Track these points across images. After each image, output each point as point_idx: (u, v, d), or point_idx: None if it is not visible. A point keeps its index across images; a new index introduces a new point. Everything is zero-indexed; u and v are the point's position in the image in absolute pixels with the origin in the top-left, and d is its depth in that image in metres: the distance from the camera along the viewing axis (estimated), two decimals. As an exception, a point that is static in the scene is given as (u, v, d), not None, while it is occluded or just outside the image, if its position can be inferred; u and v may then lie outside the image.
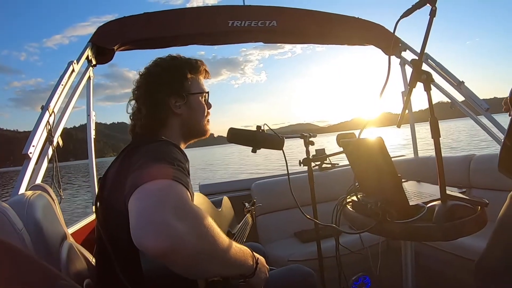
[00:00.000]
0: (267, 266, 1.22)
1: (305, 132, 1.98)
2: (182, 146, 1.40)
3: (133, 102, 1.36)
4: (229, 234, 1.65)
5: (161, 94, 1.31)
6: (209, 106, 1.46)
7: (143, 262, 0.90)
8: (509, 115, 1.51)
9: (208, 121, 1.45)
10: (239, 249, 1.01)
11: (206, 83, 1.47)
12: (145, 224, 0.77)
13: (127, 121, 1.37)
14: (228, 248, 0.92)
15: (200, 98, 1.40)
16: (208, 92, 1.44)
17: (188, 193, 0.89)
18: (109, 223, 1.08)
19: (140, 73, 1.38)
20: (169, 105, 1.32)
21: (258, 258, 1.14)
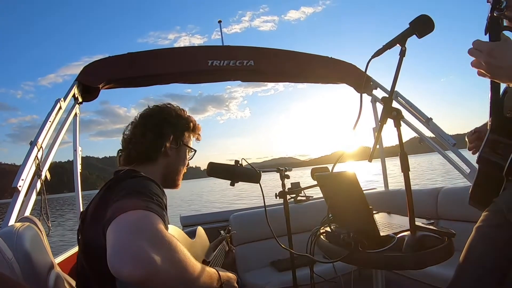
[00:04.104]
0: (236, 286, 1.28)
1: (282, 166, 2.02)
2: None
3: (129, 127, 1.45)
4: (204, 262, 1.68)
5: (168, 130, 1.42)
6: (188, 163, 1.56)
7: None
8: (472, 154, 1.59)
9: (182, 175, 1.54)
10: (208, 273, 1.05)
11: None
12: (122, 253, 0.80)
13: None
14: (198, 274, 0.96)
15: (187, 153, 1.52)
16: (195, 151, 1.56)
17: (163, 224, 0.93)
18: (88, 252, 1.11)
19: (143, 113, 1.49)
20: (166, 143, 1.40)
21: (223, 282, 1.18)
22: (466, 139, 1.62)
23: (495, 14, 1.10)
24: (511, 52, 1.03)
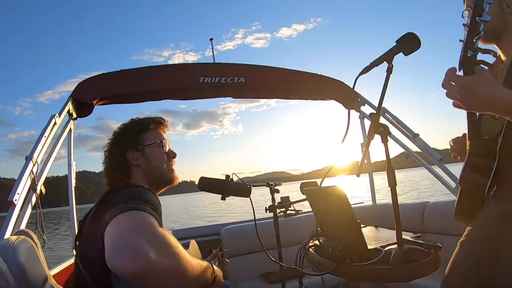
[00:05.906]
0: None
1: (273, 181, 2.04)
2: None
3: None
4: None
5: (119, 150, 1.45)
6: (172, 154, 1.55)
7: None
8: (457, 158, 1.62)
9: (170, 168, 1.53)
10: (201, 265, 1.11)
11: (186, 135, 1.59)
12: (119, 248, 0.85)
13: None
14: (193, 266, 1.02)
15: (157, 148, 1.50)
16: (162, 141, 1.52)
17: (157, 223, 0.98)
18: (85, 261, 1.14)
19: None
20: (127, 159, 1.44)
21: (217, 275, 1.24)
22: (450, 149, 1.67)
23: (468, 55, 1.11)
24: (483, 86, 1.04)
